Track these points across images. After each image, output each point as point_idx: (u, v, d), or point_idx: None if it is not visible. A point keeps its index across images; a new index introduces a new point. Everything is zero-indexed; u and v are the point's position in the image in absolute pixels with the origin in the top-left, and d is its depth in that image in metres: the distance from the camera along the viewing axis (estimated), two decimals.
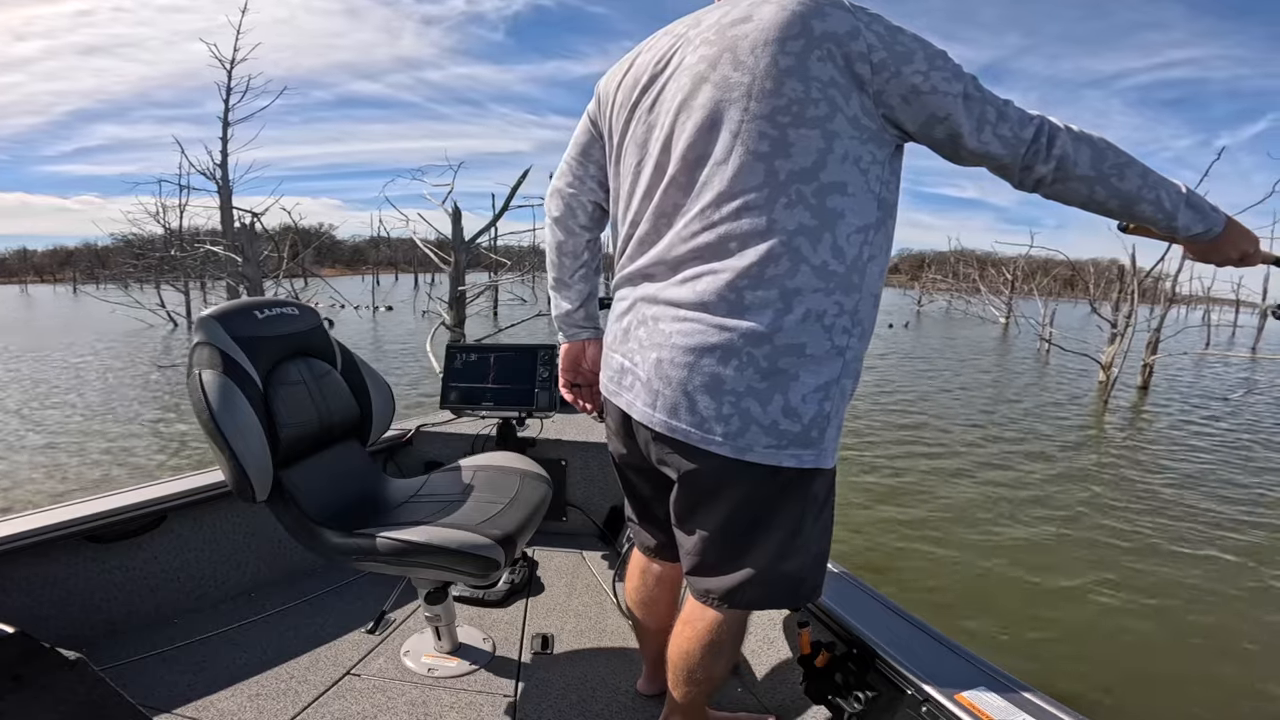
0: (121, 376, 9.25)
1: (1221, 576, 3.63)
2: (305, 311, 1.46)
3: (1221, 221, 0.87)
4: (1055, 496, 4.85)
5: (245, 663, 1.46)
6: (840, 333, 0.88)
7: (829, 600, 1.22)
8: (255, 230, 10.17)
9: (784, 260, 0.84)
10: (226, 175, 12.39)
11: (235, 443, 1.14)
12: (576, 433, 2.21)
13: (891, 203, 0.91)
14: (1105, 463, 5.90)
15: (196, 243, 12.03)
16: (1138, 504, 4.74)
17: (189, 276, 14.53)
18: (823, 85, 0.81)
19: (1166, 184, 0.84)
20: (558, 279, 1.19)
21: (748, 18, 0.84)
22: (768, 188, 0.84)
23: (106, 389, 8.31)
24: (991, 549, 3.87)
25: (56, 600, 1.45)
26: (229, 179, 12.40)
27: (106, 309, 15.96)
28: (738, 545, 0.96)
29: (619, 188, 1.02)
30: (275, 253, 11.11)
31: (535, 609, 1.75)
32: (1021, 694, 0.96)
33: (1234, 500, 4.94)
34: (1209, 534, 4.22)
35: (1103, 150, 0.82)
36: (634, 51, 1.01)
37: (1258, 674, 2.75)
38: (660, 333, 0.92)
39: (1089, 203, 0.85)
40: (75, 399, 7.66)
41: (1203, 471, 5.67)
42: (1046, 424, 7.29)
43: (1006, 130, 0.82)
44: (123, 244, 19.89)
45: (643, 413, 0.95)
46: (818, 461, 0.90)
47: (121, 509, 1.52)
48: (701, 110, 0.86)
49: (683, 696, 1.09)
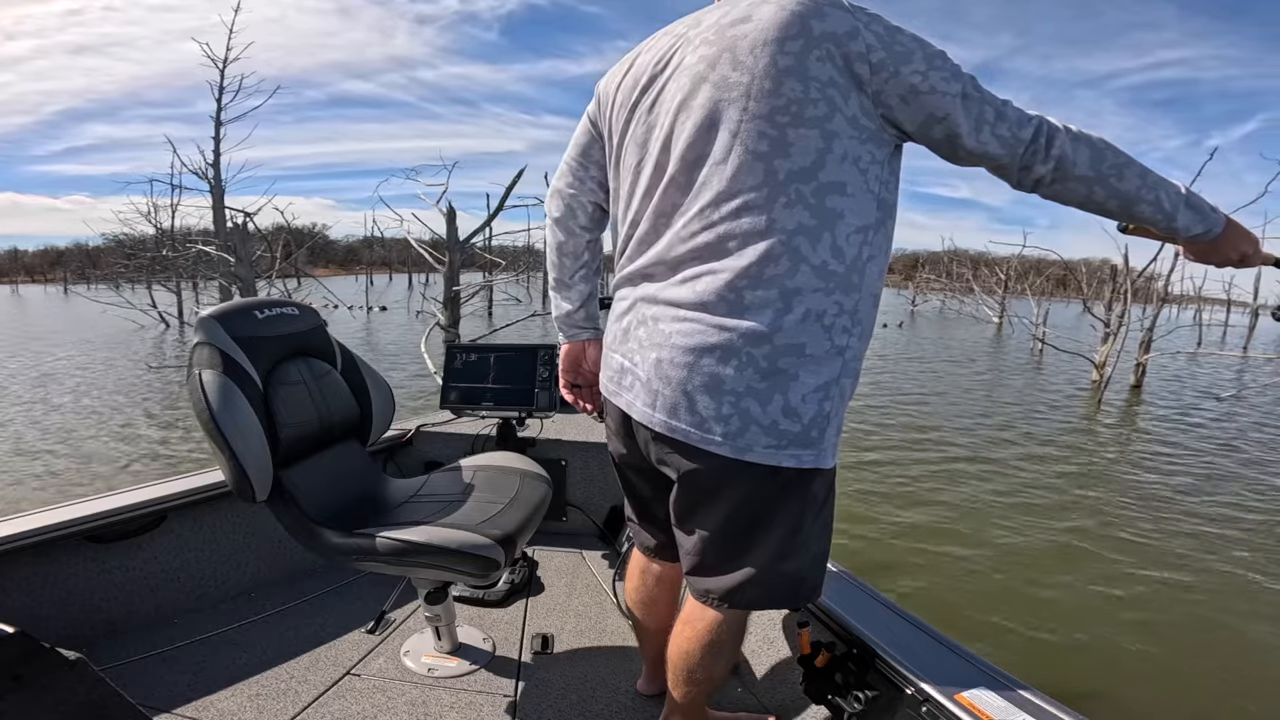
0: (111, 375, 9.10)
1: (1216, 573, 3.64)
2: (305, 311, 1.46)
3: (1221, 222, 0.87)
4: (1051, 496, 4.85)
5: (245, 663, 1.46)
6: (840, 332, 0.88)
7: (829, 600, 1.22)
8: (248, 230, 10.10)
9: (783, 260, 0.84)
10: (219, 174, 12.34)
11: (235, 443, 1.14)
12: (576, 433, 2.21)
13: (891, 203, 0.91)
14: (1100, 461, 5.92)
15: (188, 243, 11.94)
16: (1136, 503, 4.75)
17: (181, 277, 14.51)
18: (822, 85, 0.81)
19: (1166, 184, 0.84)
20: (558, 279, 1.19)
21: (747, 18, 0.84)
22: (767, 187, 0.84)
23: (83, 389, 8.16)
24: (984, 545, 3.88)
25: (56, 600, 1.45)
26: (221, 178, 12.35)
27: (97, 309, 15.80)
28: (737, 545, 0.96)
29: (619, 188, 1.02)
30: (268, 253, 11.04)
31: (535, 609, 1.75)
32: (1021, 694, 0.96)
33: (1230, 498, 4.95)
34: (1207, 533, 4.23)
35: (1101, 150, 0.82)
36: (634, 52, 1.01)
37: (1250, 667, 2.76)
38: (660, 333, 0.92)
39: (1088, 203, 0.85)
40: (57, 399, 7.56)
41: (1198, 470, 5.69)
42: (1041, 423, 7.30)
43: (1005, 130, 0.82)
44: (114, 244, 19.80)
45: (642, 413, 0.95)
46: (817, 461, 0.90)
47: (121, 509, 1.52)
48: (701, 110, 0.86)
49: (683, 696, 1.09)
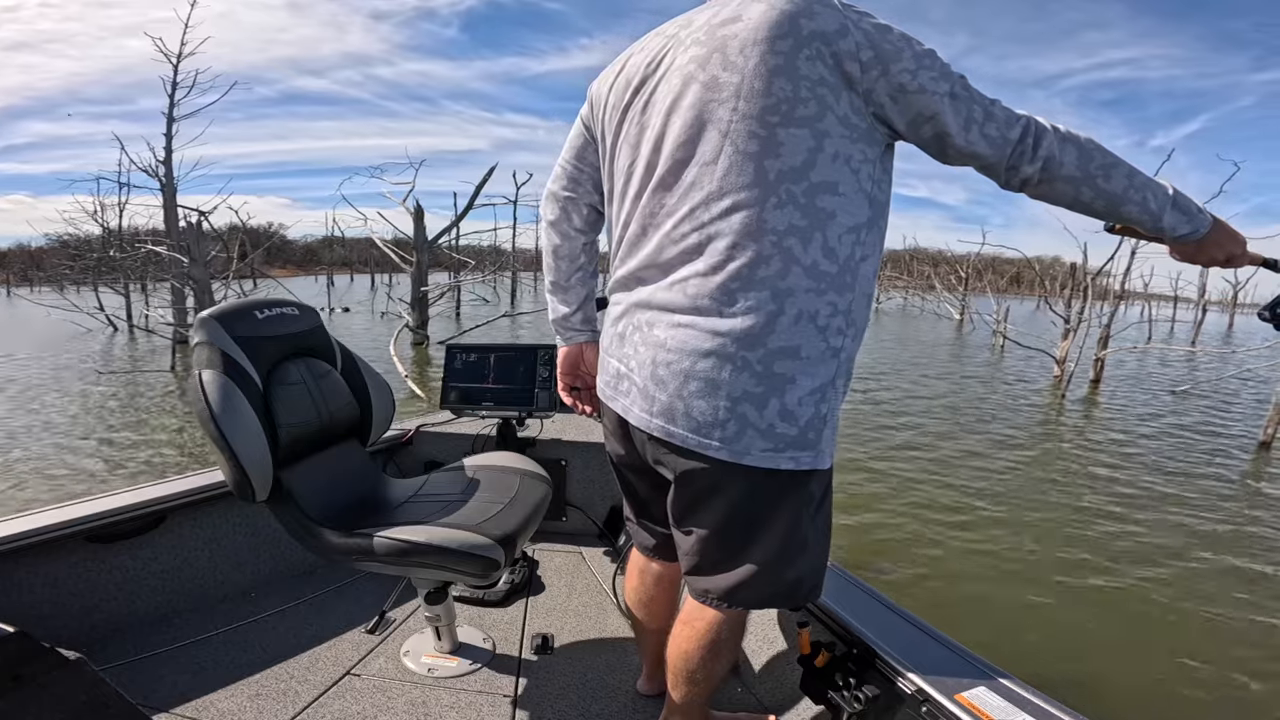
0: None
1: (1182, 557, 3.67)
2: (305, 311, 1.46)
3: (1208, 223, 0.86)
4: (1023, 489, 4.85)
5: (245, 663, 1.46)
6: (835, 333, 0.88)
7: (829, 600, 1.22)
8: (203, 229, 9.83)
9: (775, 261, 0.84)
10: (171, 172, 11.85)
11: (235, 443, 1.14)
12: (576, 433, 2.21)
13: (883, 201, 0.90)
14: (1068, 453, 5.96)
15: (137, 243, 11.52)
16: (1102, 491, 4.79)
17: (129, 279, 13.99)
18: (812, 84, 0.81)
19: (1153, 185, 0.84)
20: (555, 282, 1.19)
21: (737, 17, 0.84)
22: (757, 188, 0.83)
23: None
24: (955, 540, 3.87)
25: (56, 600, 1.45)
26: (173, 176, 11.87)
27: (41, 313, 14.71)
28: (736, 545, 0.96)
29: (612, 189, 1.02)
30: (224, 253, 10.76)
31: (535, 609, 1.75)
32: (1021, 694, 0.96)
33: (1192, 485, 5.01)
34: (1172, 519, 4.28)
35: (1089, 151, 0.82)
36: (626, 53, 1.01)
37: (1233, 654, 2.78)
38: (654, 338, 0.92)
39: (1075, 203, 0.85)
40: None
41: (1159, 459, 5.77)
42: (1008, 416, 7.35)
43: (993, 130, 0.82)
44: (58, 244, 19.40)
45: (640, 418, 0.95)
46: (815, 462, 0.90)
47: (121, 509, 1.52)
48: (691, 110, 0.86)
49: (682, 697, 1.09)
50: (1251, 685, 2.57)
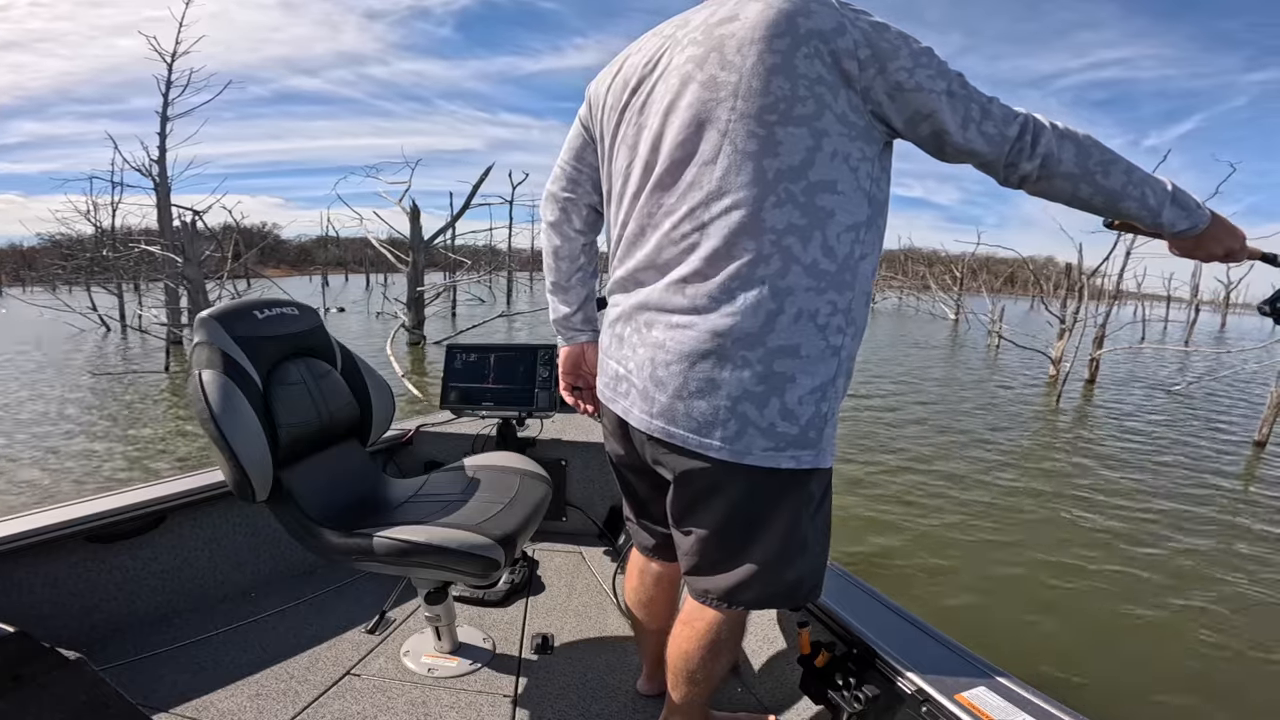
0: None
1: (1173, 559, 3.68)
2: (305, 311, 1.46)
3: (1207, 218, 0.86)
4: (1021, 489, 4.86)
5: (245, 663, 1.46)
6: (835, 332, 0.88)
7: (829, 600, 1.22)
8: (197, 229, 9.75)
9: (774, 260, 0.84)
10: (165, 172, 11.68)
11: (235, 443, 1.14)
12: (576, 433, 2.21)
13: (882, 200, 0.90)
14: (1065, 452, 5.97)
15: (130, 242, 11.42)
16: (1100, 491, 4.80)
17: (122, 278, 13.94)
18: (810, 83, 0.81)
19: (1152, 181, 0.84)
20: (555, 283, 1.19)
21: (734, 16, 0.84)
22: (756, 187, 0.83)
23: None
24: (952, 539, 3.88)
25: (56, 600, 1.45)
26: (167, 175, 11.69)
27: (34, 313, 14.75)
28: (735, 545, 0.96)
29: (610, 190, 1.02)
30: (218, 252, 10.65)
31: (535, 609, 1.75)
32: (1021, 694, 0.97)
33: (1190, 483, 5.03)
34: (1170, 519, 4.29)
35: (1088, 148, 0.82)
36: (623, 54, 1.00)
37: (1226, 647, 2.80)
38: (653, 339, 0.92)
39: (1074, 200, 0.85)
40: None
41: (1157, 459, 5.80)
42: (1004, 417, 7.36)
43: (991, 128, 0.82)
44: (50, 244, 19.19)
45: (640, 419, 0.95)
46: (816, 462, 0.91)
47: (121, 509, 1.52)
48: (689, 110, 0.86)
49: (682, 697, 1.09)
50: (1252, 685, 2.58)
